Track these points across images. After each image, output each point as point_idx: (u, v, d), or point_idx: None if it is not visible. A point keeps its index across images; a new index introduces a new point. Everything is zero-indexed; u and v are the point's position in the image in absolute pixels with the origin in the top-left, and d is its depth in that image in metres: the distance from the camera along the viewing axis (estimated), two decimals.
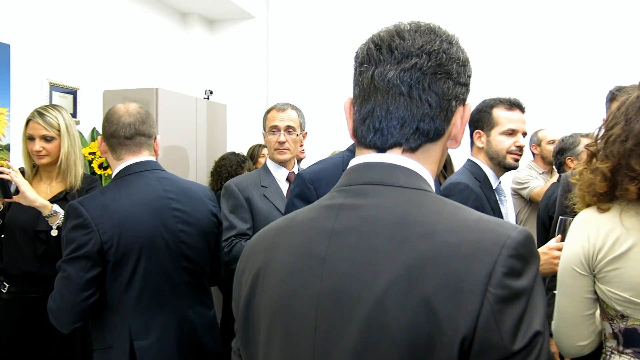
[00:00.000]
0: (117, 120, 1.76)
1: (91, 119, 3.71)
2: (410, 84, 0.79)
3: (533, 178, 3.78)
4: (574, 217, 1.77)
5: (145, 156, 1.79)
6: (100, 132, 1.95)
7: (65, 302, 1.59)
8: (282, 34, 5.02)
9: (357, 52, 0.87)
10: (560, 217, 1.81)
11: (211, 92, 4.72)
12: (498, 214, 2.01)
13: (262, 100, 5.03)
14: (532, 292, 0.69)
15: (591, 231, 1.31)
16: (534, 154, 3.99)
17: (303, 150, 3.94)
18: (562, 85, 4.21)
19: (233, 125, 4.86)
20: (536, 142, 3.96)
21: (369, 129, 0.82)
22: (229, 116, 4.80)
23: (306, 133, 2.61)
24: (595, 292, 1.33)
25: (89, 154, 3.42)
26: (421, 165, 0.81)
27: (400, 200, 0.77)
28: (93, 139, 3.65)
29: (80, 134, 3.42)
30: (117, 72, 3.98)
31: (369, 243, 0.75)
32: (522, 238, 0.71)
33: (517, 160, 2.10)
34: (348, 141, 1.63)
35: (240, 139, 4.74)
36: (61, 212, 2.13)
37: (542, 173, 3.89)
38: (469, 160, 2.19)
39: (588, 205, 1.37)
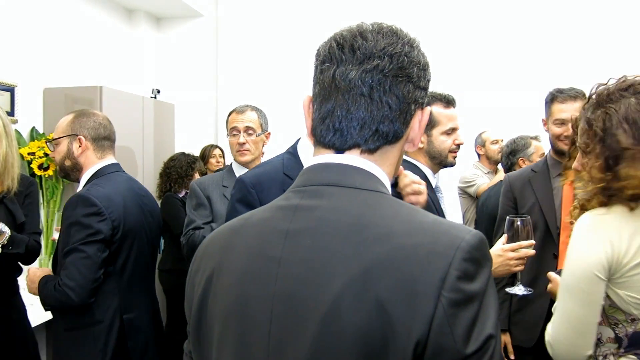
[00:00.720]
0: (109, 125, 2.09)
1: (30, 117, 3.54)
2: (371, 85, 0.79)
3: (479, 177, 3.90)
4: (521, 218, 1.80)
5: (114, 158, 2.11)
6: (42, 131, 1.93)
7: (85, 279, 1.81)
8: (231, 33, 4.96)
9: (318, 49, 0.86)
10: (508, 217, 1.83)
11: (158, 91, 4.61)
12: (441, 213, 2.03)
13: (212, 100, 4.96)
14: (485, 296, 0.70)
15: (613, 235, 1.27)
16: (479, 154, 4.11)
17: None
18: (503, 86, 4.34)
19: (181, 126, 4.77)
20: (480, 143, 4.08)
21: (329, 128, 0.81)
22: (177, 116, 4.70)
23: (269, 134, 2.61)
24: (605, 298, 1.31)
25: (28, 154, 3.27)
26: (379, 168, 0.81)
27: (356, 202, 0.77)
28: (32, 138, 3.48)
29: (19, 133, 3.26)
30: (59, 69, 3.81)
31: (324, 245, 0.74)
32: (476, 241, 0.71)
33: (455, 158, 2.07)
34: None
35: (189, 140, 4.65)
36: (7, 231, 2.10)
37: (487, 172, 4.01)
38: (404, 161, 2.12)
39: (583, 209, 1.36)
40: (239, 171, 2.52)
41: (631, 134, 1.28)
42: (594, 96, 1.40)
